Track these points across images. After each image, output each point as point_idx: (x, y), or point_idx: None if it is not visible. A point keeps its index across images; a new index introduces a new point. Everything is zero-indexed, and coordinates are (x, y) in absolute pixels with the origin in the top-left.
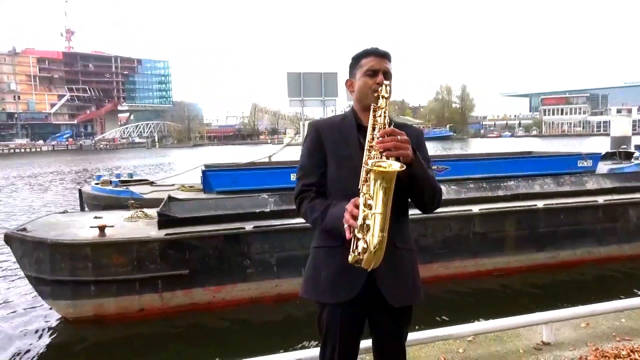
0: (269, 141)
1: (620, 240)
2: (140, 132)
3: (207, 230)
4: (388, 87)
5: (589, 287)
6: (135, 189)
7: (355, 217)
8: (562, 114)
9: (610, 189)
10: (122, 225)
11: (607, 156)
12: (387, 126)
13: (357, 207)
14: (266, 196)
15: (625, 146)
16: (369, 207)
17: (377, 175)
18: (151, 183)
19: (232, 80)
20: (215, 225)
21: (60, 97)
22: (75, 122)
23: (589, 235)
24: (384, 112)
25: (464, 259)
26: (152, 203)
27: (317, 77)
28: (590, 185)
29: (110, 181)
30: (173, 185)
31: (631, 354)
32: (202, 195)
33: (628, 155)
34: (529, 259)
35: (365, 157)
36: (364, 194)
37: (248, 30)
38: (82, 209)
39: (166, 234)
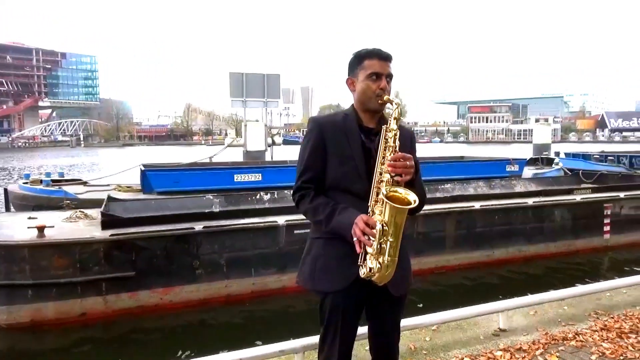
0: (203, 142)
1: (547, 239)
2: (64, 130)
3: (156, 231)
4: (399, 108)
5: (523, 283)
6: (69, 189)
7: (365, 234)
8: (486, 121)
9: (536, 191)
10: (62, 226)
11: (531, 162)
12: (397, 149)
13: (368, 225)
14: (211, 197)
15: (546, 153)
16: (385, 233)
17: (393, 208)
18: (85, 183)
19: (164, 78)
20: (161, 226)
21: None
22: None
23: (520, 234)
24: (395, 135)
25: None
26: (89, 204)
27: (260, 78)
28: (519, 188)
29: (41, 180)
30: (108, 185)
31: (577, 336)
32: (142, 196)
33: (549, 161)
34: (467, 257)
35: (376, 177)
36: (381, 221)
37: (181, 27)
38: (8, 210)
39: (111, 235)
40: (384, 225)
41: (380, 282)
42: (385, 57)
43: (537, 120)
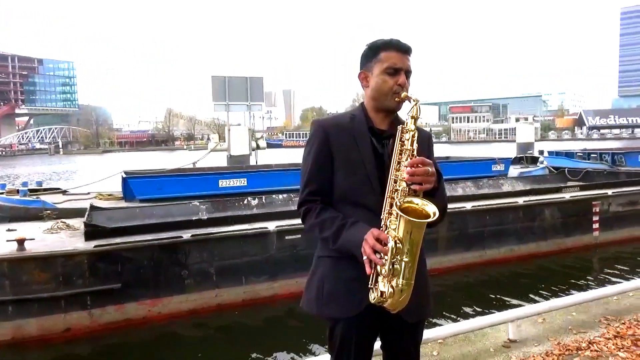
0: (185, 147)
1: (538, 238)
2: (42, 137)
3: (142, 241)
4: (417, 106)
5: (519, 283)
6: (47, 199)
7: (376, 252)
8: (468, 121)
9: (524, 190)
10: (43, 238)
11: (516, 161)
12: (415, 153)
13: (379, 241)
14: (197, 203)
15: (531, 151)
16: (399, 251)
17: (408, 223)
18: (64, 192)
19: (144, 84)
20: (148, 235)
21: None
22: None
23: (511, 234)
24: (413, 136)
25: None
26: (69, 213)
27: (243, 81)
28: (507, 187)
29: (18, 190)
30: (89, 193)
31: (590, 345)
32: (124, 204)
33: (534, 160)
34: (460, 258)
35: (390, 186)
36: (394, 237)
37: (161, 31)
38: None
39: (95, 246)
40: (398, 241)
41: (393, 309)
42: (405, 50)
43: (517, 120)
